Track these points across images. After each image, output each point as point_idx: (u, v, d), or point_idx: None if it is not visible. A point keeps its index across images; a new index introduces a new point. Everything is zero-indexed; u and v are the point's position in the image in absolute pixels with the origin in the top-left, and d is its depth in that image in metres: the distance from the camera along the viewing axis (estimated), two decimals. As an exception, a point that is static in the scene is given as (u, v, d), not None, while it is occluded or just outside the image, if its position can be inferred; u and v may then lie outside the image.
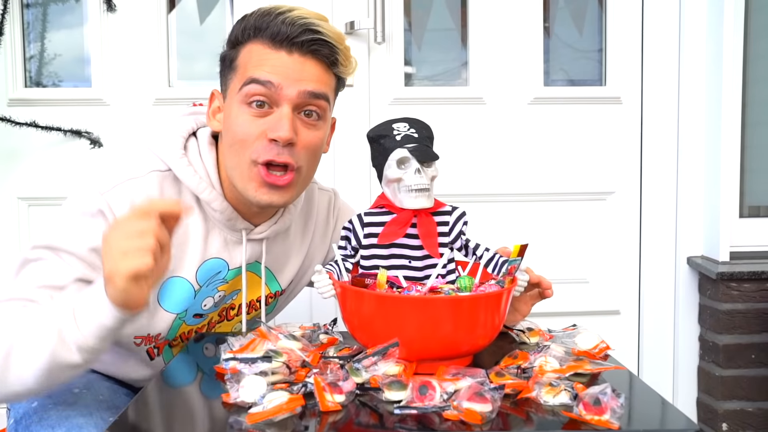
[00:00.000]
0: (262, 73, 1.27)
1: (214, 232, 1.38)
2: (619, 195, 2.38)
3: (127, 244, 1.04)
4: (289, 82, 1.27)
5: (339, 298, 1.15)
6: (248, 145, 1.29)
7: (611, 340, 1.27)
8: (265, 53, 1.28)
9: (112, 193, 1.28)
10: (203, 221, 1.38)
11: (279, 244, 1.50)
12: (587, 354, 1.17)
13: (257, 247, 1.44)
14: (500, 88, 2.34)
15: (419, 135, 1.24)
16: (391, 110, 2.29)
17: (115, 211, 1.26)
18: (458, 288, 1.17)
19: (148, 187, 1.31)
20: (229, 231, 1.39)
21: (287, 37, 1.27)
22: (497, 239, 2.35)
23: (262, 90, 1.27)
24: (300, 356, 1.09)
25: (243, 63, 1.31)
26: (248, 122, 1.29)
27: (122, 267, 1.03)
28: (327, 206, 1.61)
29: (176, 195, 1.35)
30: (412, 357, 1.07)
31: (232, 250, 1.40)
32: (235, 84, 1.31)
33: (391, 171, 1.20)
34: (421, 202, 1.19)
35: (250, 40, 1.31)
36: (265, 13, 1.30)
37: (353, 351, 1.15)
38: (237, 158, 1.31)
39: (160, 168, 1.34)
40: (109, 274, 1.05)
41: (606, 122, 2.37)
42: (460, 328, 1.06)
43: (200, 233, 1.37)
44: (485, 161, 2.34)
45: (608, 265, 2.40)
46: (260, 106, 1.28)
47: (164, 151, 1.35)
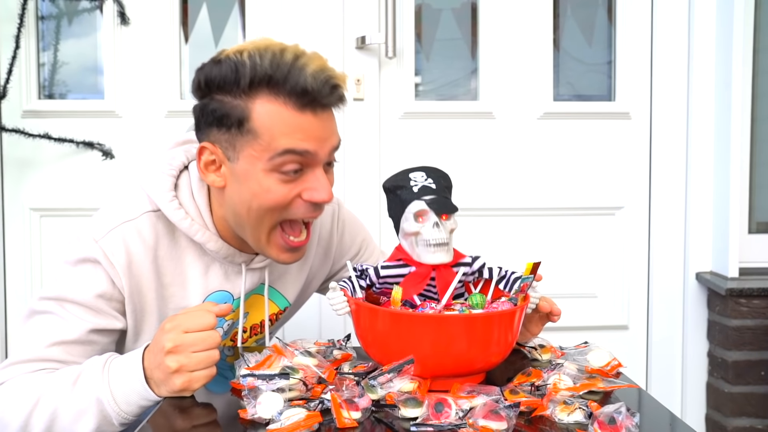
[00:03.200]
0: (296, 143, 1.20)
1: (213, 266, 1.37)
2: (628, 210, 2.39)
3: (200, 356, 1.12)
4: (321, 145, 1.23)
5: (353, 314, 1.16)
6: (280, 210, 1.26)
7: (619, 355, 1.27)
8: (291, 117, 1.20)
9: (107, 239, 1.27)
10: (201, 257, 1.36)
11: (281, 264, 1.47)
12: (600, 372, 1.18)
13: (259, 273, 1.43)
14: (510, 102, 2.35)
15: (437, 186, 1.20)
16: (402, 124, 2.31)
17: (111, 257, 1.26)
18: (470, 305, 1.18)
19: (141, 229, 1.30)
20: (229, 264, 1.38)
21: (313, 99, 1.20)
22: (506, 254, 2.36)
23: (299, 159, 1.22)
24: (316, 372, 1.11)
25: (264, 128, 1.20)
26: (281, 188, 1.23)
27: (198, 377, 1.12)
28: (331, 219, 1.59)
29: (171, 235, 1.33)
30: (426, 374, 1.08)
31: (234, 281, 1.39)
32: (256, 151, 1.21)
33: (408, 224, 1.17)
34: (440, 257, 1.16)
35: (260, 94, 1.20)
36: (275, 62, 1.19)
37: (368, 368, 1.16)
38: (258, 222, 1.27)
39: (153, 208, 1.32)
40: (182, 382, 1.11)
41: (615, 137, 2.38)
42: (474, 345, 1.07)
43: (199, 269, 1.36)
44: (495, 175, 2.36)
45: (617, 280, 2.41)
46: (296, 172, 1.23)
47: (155, 192, 1.31)
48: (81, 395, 1.15)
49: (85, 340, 1.25)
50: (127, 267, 1.28)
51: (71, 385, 1.16)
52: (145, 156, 2.24)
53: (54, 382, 1.18)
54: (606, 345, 1.31)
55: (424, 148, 2.32)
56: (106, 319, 1.27)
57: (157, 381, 1.13)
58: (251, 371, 1.08)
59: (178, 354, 1.10)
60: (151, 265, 1.31)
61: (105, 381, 1.15)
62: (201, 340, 1.12)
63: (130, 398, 1.15)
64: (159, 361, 1.11)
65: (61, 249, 1.31)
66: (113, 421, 1.16)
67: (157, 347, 1.13)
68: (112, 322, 1.28)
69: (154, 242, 1.31)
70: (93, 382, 1.16)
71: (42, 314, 1.26)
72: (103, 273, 1.26)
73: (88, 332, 1.25)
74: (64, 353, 1.23)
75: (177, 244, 1.34)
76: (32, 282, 2.27)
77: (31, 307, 1.28)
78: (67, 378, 1.17)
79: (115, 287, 1.28)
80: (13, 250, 2.26)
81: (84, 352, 1.25)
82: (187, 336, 1.11)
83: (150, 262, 1.31)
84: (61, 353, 1.23)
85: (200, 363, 1.11)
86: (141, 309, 1.32)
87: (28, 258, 2.26)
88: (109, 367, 1.17)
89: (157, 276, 1.32)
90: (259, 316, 1.48)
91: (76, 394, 1.15)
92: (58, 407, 1.15)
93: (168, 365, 1.10)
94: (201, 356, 1.11)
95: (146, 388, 1.13)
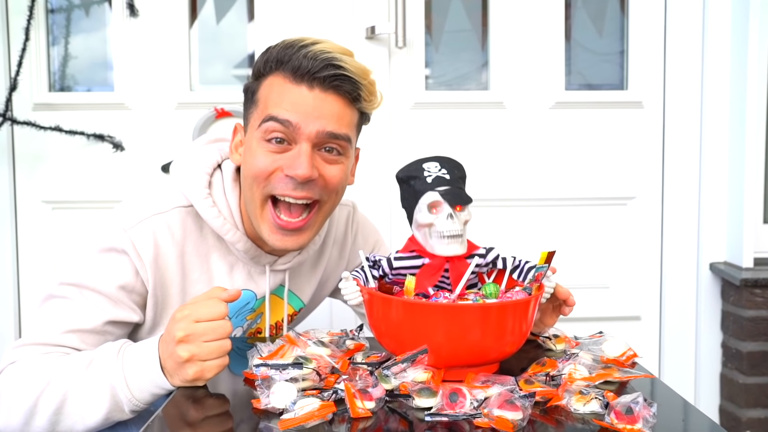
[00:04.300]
0: (280, 111, 1.25)
1: (238, 266, 1.39)
2: (641, 200, 2.38)
3: (212, 345, 1.11)
4: (308, 120, 1.25)
5: (366, 304, 1.16)
6: (263, 179, 1.28)
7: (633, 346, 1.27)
8: (286, 88, 1.26)
9: (136, 229, 1.28)
10: (226, 255, 1.38)
11: (297, 266, 1.49)
12: (615, 362, 1.17)
13: (281, 275, 1.45)
14: (521, 92, 2.34)
15: (451, 176, 1.19)
16: (412, 115, 2.30)
17: (138, 248, 1.27)
18: (484, 295, 1.17)
19: (171, 223, 1.31)
20: (253, 265, 1.40)
21: (308, 72, 1.24)
22: (519, 244, 2.35)
23: (280, 128, 1.26)
24: (329, 362, 1.11)
25: (263, 97, 1.29)
26: (265, 157, 1.27)
27: (210, 366, 1.12)
28: (345, 221, 1.61)
29: (198, 231, 1.35)
30: (440, 364, 1.08)
31: (258, 281, 1.41)
32: (255, 119, 1.30)
33: (421, 215, 1.17)
34: (454, 249, 1.17)
35: (271, 73, 1.28)
36: (288, 45, 1.27)
37: (382, 358, 1.16)
38: (251, 194, 1.30)
39: (184, 204, 1.34)
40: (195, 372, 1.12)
41: (628, 127, 2.37)
42: (488, 335, 1.07)
43: (224, 268, 1.38)
44: (506, 166, 2.35)
45: (629, 271, 2.39)
46: (279, 142, 1.27)
47: (189, 188, 1.34)
48: (93, 380, 1.16)
49: (101, 330, 1.26)
50: (154, 259, 1.28)
51: (84, 370, 1.17)
52: (156, 148, 2.24)
53: (66, 365, 1.18)
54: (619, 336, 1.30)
55: (434, 138, 2.31)
56: (125, 311, 1.28)
57: (170, 370, 1.13)
58: (264, 361, 1.08)
59: (190, 343, 1.11)
60: (177, 260, 1.31)
61: (119, 367, 1.16)
62: (212, 330, 1.12)
63: (144, 386, 1.15)
64: (171, 351, 1.12)
65: (88, 235, 1.31)
66: (124, 408, 1.16)
67: (169, 337, 1.13)
68: (129, 315, 1.29)
69: (182, 237, 1.32)
70: (107, 368, 1.16)
71: (60, 299, 1.26)
72: (128, 263, 1.27)
73: (104, 323, 1.26)
74: (78, 341, 1.24)
75: (204, 242, 1.35)
76: (45, 274, 2.27)
77: (49, 290, 1.28)
78: (80, 362, 1.18)
79: (139, 279, 1.28)
80: (26, 243, 2.27)
81: (98, 342, 1.26)
82: (198, 325, 1.11)
83: (177, 256, 1.31)
84: (75, 341, 1.24)
85: (212, 352, 1.11)
86: (163, 303, 1.32)
87: (41, 250, 2.27)
88: (124, 354, 1.17)
89: (182, 271, 1.33)
90: (274, 317, 1.49)
91: (89, 379, 1.16)
92: (69, 390, 1.16)
93: (180, 355, 1.10)
94: (212, 346, 1.11)
95: (161, 376, 1.13)
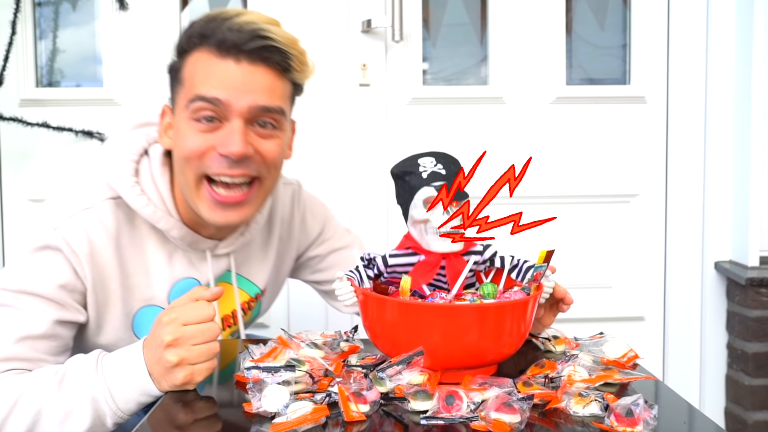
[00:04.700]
0: (208, 89, 1.22)
1: (177, 254, 1.36)
2: (644, 197, 2.38)
3: (201, 348, 1.10)
4: (238, 95, 1.22)
5: (361, 305, 1.15)
6: (195, 160, 1.25)
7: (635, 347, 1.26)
8: (211, 63, 1.22)
9: (66, 225, 1.25)
10: (164, 244, 1.35)
11: (245, 252, 1.47)
12: (616, 363, 1.17)
13: (225, 260, 1.42)
14: (521, 87, 2.34)
15: (447, 171, 1.19)
16: (410, 110, 2.30)
17: (72, 245, 1.24)
18: (481, 295, 1.17)
19: (101, 217, 1.28)
20: (193, 251, 1.37)
21: (234, 45, 1.21)
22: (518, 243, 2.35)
23: (209, 107, 1.22)
24: (323, 365, 1.10)
25: (189, 76, 1.25)
26: (196, 137, 1.24)
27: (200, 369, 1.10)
28: (291, 200, 1.57)
29: (131, 222, 1.32)
30: (436, 366, 1.07)
31: (200, 267, 1.38)
32: (182, 99, 1.26)
33: (417, 211, 1.16)
34: (451, 245, 1.16)
35: (195, 49, 1.25)
36: (211, 18, 1.24)
37: (377, 359, 1.16)
38: (185, 176, 1.27)
39: (113, 195, 1.30)
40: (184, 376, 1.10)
41: (630, 122, 2.37)
42: (485, 336, 1.07)
43: (162, 258, 1.34)
44: (505, 163, 2.34)
45: (632, 270, 2.40)
46: (209, 120, 1.24)
47: (115, 178, 1.29)
48: (70, 395, 1.13)
49: (51, 334, 1.23)
50: (89, 256, 1.26)
51: (57, 385, 1.14)
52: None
53: (34, 382, 1.15)
54: (621, 337, 1.30)
55: (432, 134, 2.31)
56: (69, 311, 1.26)
57: (158, 376, 1.12)
58: (256, 363, 1.07)
59: (178, 347, 1.09)
60: (114, 254, 1.29)
61: (101, 379, 1.14)
62: (201, 333, 1.11)
63: (130, 395, 1.13)
64: (159, 356, 1.11)
65: (19, 238, 1.28)
66: (107, 421, 1.14)
67: (156, 341, 1.11)
68: (75, 315, 1.27)
69: (116, 230, 1.29)
70: (85, 381, 1.14)
71: (4, 307, 1.22)
72: (64, 261, 1.24)
73: (53, 324, 1.23)
74: (30, 350, 1.21)
75: (138, 232, 1.32)
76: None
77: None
78: (50, 378, 1.15)
79: (78, 277, 1.26)
80: (13, 242, 2.26)
81: (49, 348, 1.23)
82: (187, 329, 1.10)
83: (113, 250, 1.29)
84: (27, 350, 1.21)
85: (201, 355, 1.10)
86: (104, 300, 1.30)
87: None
88: (103, 365, 1.15)
89: (120, 265, 1.30)
90: (229, 306, 1.46)
91: (64, 395, 1.13)
92: (42, 409, 1.13)
93: (168, 359, 1.09)
94: (201, 349, 1.10)
95: (149, 383, 1.12)
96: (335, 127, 2.28)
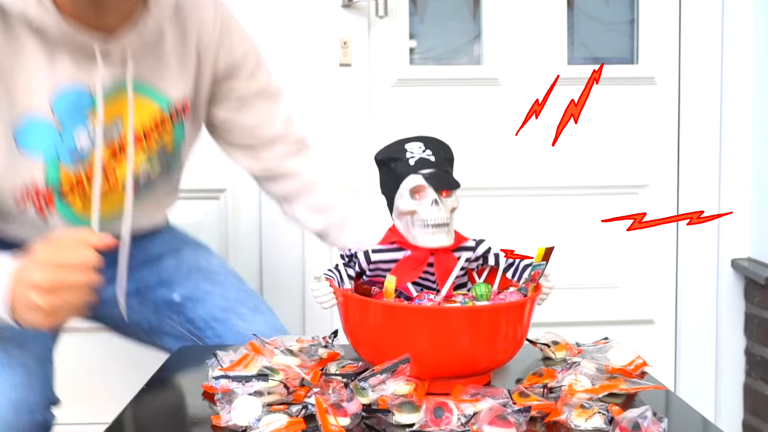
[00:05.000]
0: None
1: (61, 56, 1.29)
2: (654, 188, 2.40)
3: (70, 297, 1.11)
4: None
5: (340, 308, 1.17)
6: None
7: (644, 353, 1.28)
8: None
9: None
10: (45, 46, 1.29)
11: (152, 56, 1.40)
12: (622, 371, 1.18)
13: (119, 66, 1.35)
14: (518, 67, 2.35)
15: (436, 158, 1.20)
16: (395, 92, 2.31)
17: None
18: (473, 296, 1.18)
19: None
20: (79, 52, 1.30)
21: None
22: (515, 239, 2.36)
23: None
24: (298, 374, 1.11)
25: None
26: None
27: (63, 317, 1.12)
28: (213, 10, 1.49)
29: (5, 25, 1.26)
30: (424, 375, 1.09)
31: (90, 71, 1.32)
32: None
33: (403, 202, 1.17)
34: (440, 240, 1.17)
35: None
36: None
37: (358, 368, 1.17)
38: None
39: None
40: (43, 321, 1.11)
41: (638, 105, 2.39)
42: (478, 342, 1.08)
43: (43, 60, 1.29)
44: (501, 150, 2.36)
45: (641, 268, 2.42)
46: None
47: None
48: None
49: None
50: None
51: None
52: None
53: None
54: (629, 342, 1.32)
55: (419, 119, 2.32)
56: None
57: (17, 309, 1.12)
58: (225, 372, 1.08)
59: (47, 294, 1.09)
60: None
61: None
62: (74, 284, 1.10)
63: None
64: (24, 294, 1.10)
65: None
66: None
67: (25, 277, 1.11)
68: None
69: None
70: None
71: None
72: None
73: None
74: None
75: (14, 35, 1.28)
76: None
77: None
78: None
79: None
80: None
81: None
82: (60, 274, 1.10)
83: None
84: None
85: (70, 306, 1.11)
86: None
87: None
88: None
89: None
90: (140, 118, 1.40)
91: None
92: None
93: (33, 300, 1.09)
94: (71, 298, 1.11)
95: (4, 311, 1.13)
96: (313, 112, 2.28)
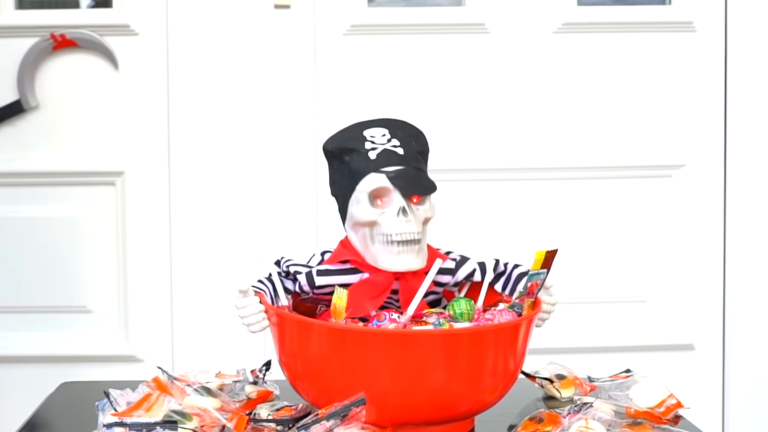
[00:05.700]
0: None
1: None
2: (692, 169, 2.41)
3: None
4: None
5: (274, 331, 1.16)
6: None
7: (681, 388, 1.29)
8: None
9: None
10: None
11: None
12: (649, 415, 1.19)
13: None
14: (511, 9, 2.35)
15: (406, 150, 1.18)
16: (348, 42, 2.31)
17: None
18: (451, 316, 1.18)
19: None
20: None
21: None
22: (508, 237, 2.37)
23: None
24: (218, 419, 1.11)
25: None
26: None
27: None
28: None
29: None
30: (385, 421, 1.09)
31: None
32: None
33: (359, 209, 1.16)
34: (407, 262, 1.16)
35: None
36: None
37: (297, 412, 1.17)
38: None
39: None
40: None
41: (672, 60, 2.40)
42: (457, 376, 1.08)
43: None
44: (490, 120, 2.36)
45: (676, 277, 2.43)
46: None
47: None
48: None
49: None
50: None
51: None
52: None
53: None
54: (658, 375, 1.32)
55: (381, 78, 2.31)
56: None
57: None
58: (120, 418, 1.07)
59: None
60: None
61: None
62: None
63: None
64: None
65: None
66: None
67: None
68: None
69: None
70: None
71: None
72: None
73: None
74: None
75: None
76: None
77: None
78: None
79: None
80: None
81: None
82: None
83: None
84: None
85: None
86: None
87: None
88: None
89: None
90: None
91: None
92: None
93: None
94: None
95: None
96: (239, 68, 2.27)
